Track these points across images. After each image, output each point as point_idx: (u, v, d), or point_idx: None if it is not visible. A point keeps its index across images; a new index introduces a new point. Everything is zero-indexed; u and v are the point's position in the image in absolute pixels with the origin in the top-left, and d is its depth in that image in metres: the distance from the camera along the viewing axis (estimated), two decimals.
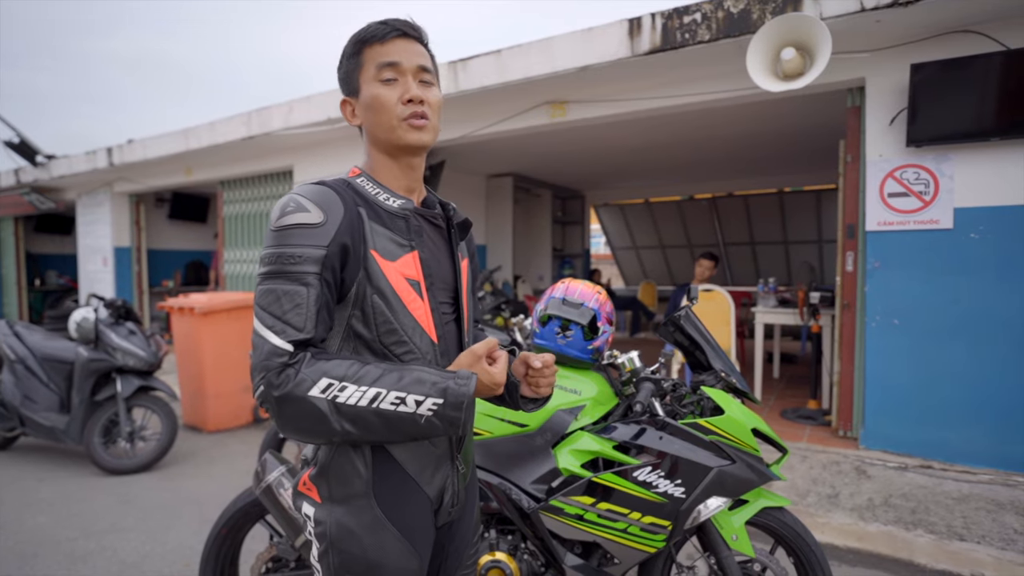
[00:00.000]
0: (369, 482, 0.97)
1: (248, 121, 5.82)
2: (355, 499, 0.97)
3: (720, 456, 1.61)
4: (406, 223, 0.99)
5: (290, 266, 0.87)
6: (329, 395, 0.85)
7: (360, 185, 0.99)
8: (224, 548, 1.87)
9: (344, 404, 0.85)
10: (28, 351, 3.92)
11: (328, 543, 0.97)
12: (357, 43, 0.98)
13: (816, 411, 4.26)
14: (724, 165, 7.68)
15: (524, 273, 8.91)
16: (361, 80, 0.98)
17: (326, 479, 0.99)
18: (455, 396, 0.88)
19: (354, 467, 0.97)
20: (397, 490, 0.99)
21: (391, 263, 0.95)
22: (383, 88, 0.96)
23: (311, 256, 0.88)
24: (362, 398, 0.86)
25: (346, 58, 1.00)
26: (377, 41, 0.96)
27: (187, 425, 4.72)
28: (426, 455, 1.01)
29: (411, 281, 0.97)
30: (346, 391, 0.86)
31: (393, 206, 0.99)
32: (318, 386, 0.85)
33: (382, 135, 0.98)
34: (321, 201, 0.91)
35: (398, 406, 0.87)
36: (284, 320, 0.87)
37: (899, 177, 3.31)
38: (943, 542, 2.59)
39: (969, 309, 3.17)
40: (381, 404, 0.86)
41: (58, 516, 3.05)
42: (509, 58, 4.09)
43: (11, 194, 8.99)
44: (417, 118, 0.96)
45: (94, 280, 8.83)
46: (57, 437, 3.77)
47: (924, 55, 3.17)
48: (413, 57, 0.97)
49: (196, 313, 4.47)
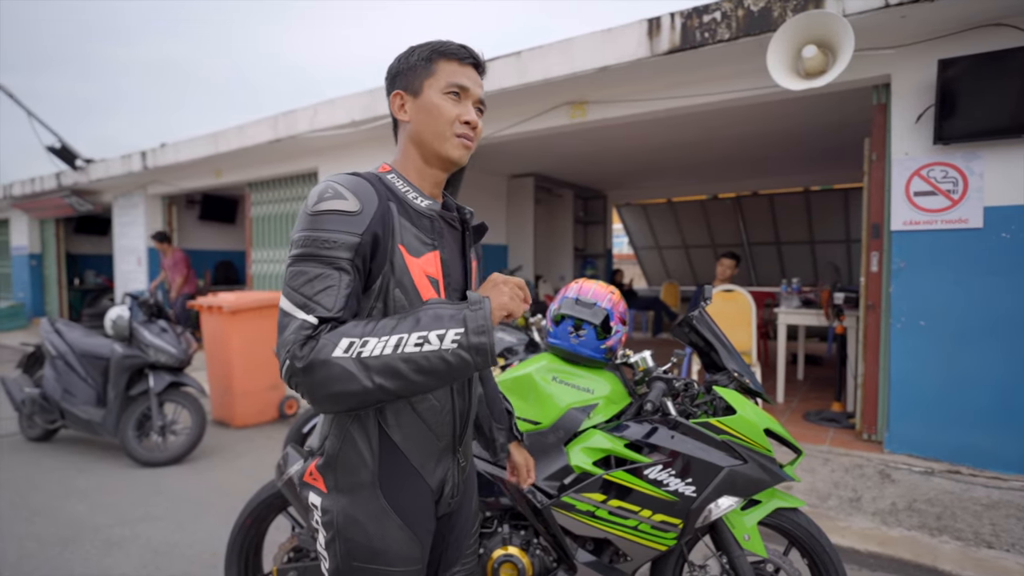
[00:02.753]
0: (375, 472, 1.00)
1: (275, 124, 5.97)
2: (361, 489, 1.00)
3: (732, 456, 1.61)
4: (431, 223, 1.04)
5: (324, 250, 0.90)
6: (352, 352, 0.85)
7: (391, 181, 1.04)
8: (248, 538, 1.94)
9: (370, 357, 0.85)
10: (68, 347, 4.10)
11: (335, 531, 1.00)
12: (434, 52, 1.04)
13: (840, 414, 4.18)
14: (747, 164, 7.58)
15: (545, 273, 8.92)
16: (426, 85, 1.03)
17: (333, 469, 1.02)
18: (475, 321, 0.89)
19: (361, 457, 1.00)
20: (402, 480, 1.02)
21: (415, 259, 0.99)
22: (447, 101, 1.02)
23: (345, 242, 0.91)
24: (385, 347, 0.86)
25: (417, 58, 1.04)
26: (456, 59, 1.04)
27: (215, 420, 4.87)
28: (430, 447, 1.05)
29: (431, 279, 1.01)
30: (368, 344, 0.86)
31: (421, 205, 1.04)
32: (340, 346, 0.86)
33: (431, 140, 1.03)
34: (358, 191, 0.95)
35: (422, 346, 0.87)
36: (314, 300, 0.89)
37: (926, 175, 3.24)
38: (969, 549, 2.53)
39: (999, 310, 3.08)
40: (405, 348, 0.86)
41: (95, 504, 3.19)
42: (529, 59, 4.12)
43: (53, 197, 9.37)
44: (467, 138, 1.04)
45: (129, 279, 9.15)
46: (94, 430, 3.94)
47: (952, 50, 3.10)
48: (477, 88, 1.06)
49: (224, 312, 4.61)
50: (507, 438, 1.38)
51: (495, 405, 1.38)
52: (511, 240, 8.22)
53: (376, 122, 5.10)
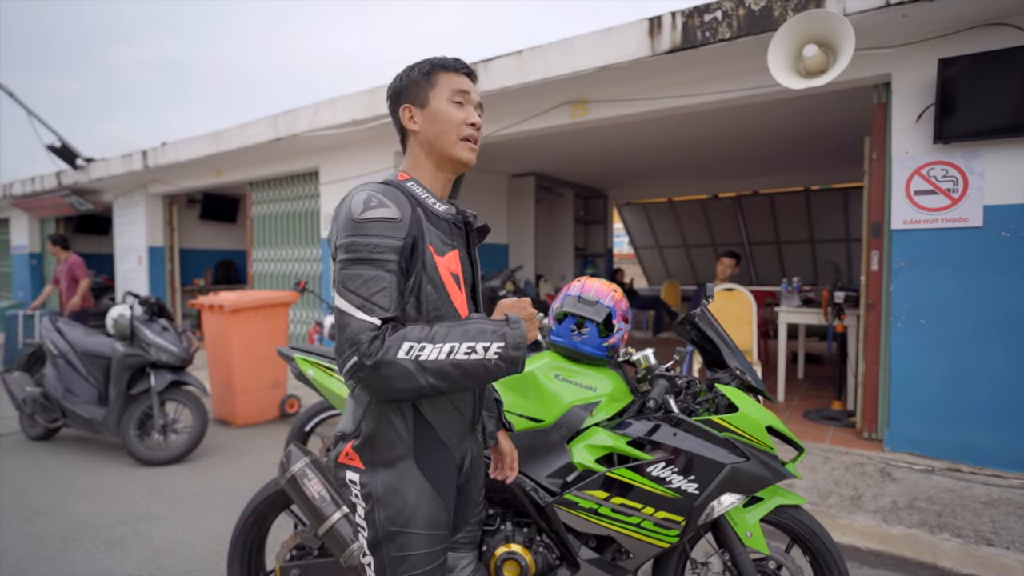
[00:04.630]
0: (410, 446, 1.13)
1: (275, 123, 5.97)
2: (399, 461, 1.13)
3: (734, 453, 1.62)
4: (449, 225, 1.17)
5: (376, 254, 1.02)
6: (412, 355, 0.99)
7: (412, 189, 1.15)
8: (251, 536, 1.94)
9: (427, 360, 1.00)
10: (69, 346, 4.10)
11: (374, 502, 1.12)
12: (433, 66, 1.17)
13: (840, 412, 4.19)
14: (748, 163, 7.59)
15: (546, 272, 8.93)
16: (431, 96, 1.16)
17: (371, 447, 1.13)
18: (513, 339, 1.05)
19: (398, 433, 1.12)
20: (433, 453, 1.16)
21: (441, 258, 1.12)
22: (453, 108, 1.16)
23: (392, 246, 1.03)
24: (440, 353, 1.00)
25: (418, 74, 1.17)
26: (454, 72, 1.17)
27: (217, 419, 4.87)
28: (457, 423, 1.19)
29: (454, 275, 1.14)
30: (426, 350, 1.00)
31: (439, 209, 1.17)
32: (402, 349, 0.99)
33: (441, 145, 1.16)
34: (397, 200, 1.07)
35: (471, 355, 1.02)
36: (372, 301, 1.00)
37: (926, 174, 3.24)
38: (970, 546, 2.54)
39: (999, 309, 3.09)
40: (457, 356, 1.01)
41: (96, 503, 3.19)
42: (530, 58, 4.13)
43: (53, 196, 9.37)
44: (473, 141, 1.18)
45: (129, 279, 9.15)
46: (95, 428, 3.94)
47: (952, 49, 3.10)
48: (475, 93, 1.21)
49: (226, 311, 4.61)
50: (496, 426, 1.45)
51: (486, 393, 1.44)
52: (512, 239, 8.22)
53: (376, 121, 5.11)
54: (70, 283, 5.98)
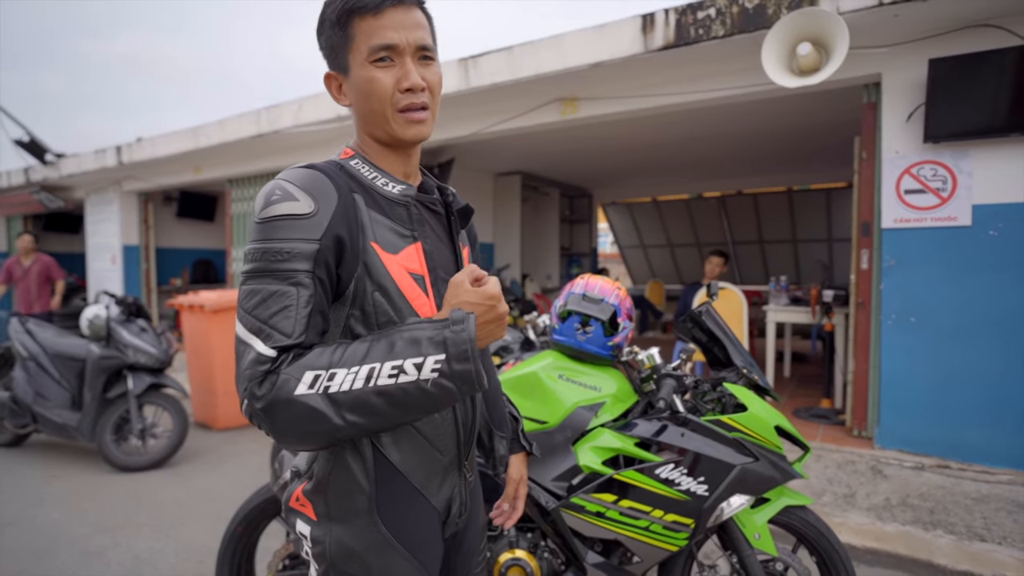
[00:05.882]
0: (372, 497, 0.87)
1: (257, 119, 5.82)
2: (357, 516, 0.87)
3: (743, 453, 1.59)
4: (407, 211, 0.90)
5: (278, 263, 0.77)
6: (319, 387, 0.73)
7: (355, 168, 0.89)
8: (240, 545, 1.86)
9: (339, 392, 0.73)
10: (40, 348, 3.93)
11: (328, 564, 0.88)
12: (344, 12, 0.84)
13: (829, 410, 4.22)
14: (734, 163, 7.64)
15: (532, 272, 8.89)
16: (350, 58, 0.85)
17: (323, 495, 0.88)
18: (456, 345, 0.74)
19: (355, 481, 0.86)
20: (403, 504, 0.89)
21: (393, 256, 0.86)
22: (377, 71, 0.84)
23: (302, 251, 0.77)
24: (356, 380, 0.73)
25: (330, 26, 0.86)
26: (369, 12, 0.83)
27: (197, 423, 4.73)
28: (433, 464, 0.92)
29: (415, 275, 0.88)
30: (336, 378, 0.73)
31: (393, 192, 0.89)
32: (303, 382, 0.73)
33: (376, 125, 0.88)
34: (311, 188, 0.80)
35: (397, 377, 0.74)
36: (270, 325, 0.76)
37: (916, 174, 3.27)
38: (963, 543, 2.56)
39: (988, 307, 3.13)
40: (378, 380, 0.74)
41: (71, 512, 3.05)
42: (520, 55, 4.07)
43: (20, 193, 9.03)
44: (416, 110, 0.86)
45: (103, 278, 8.87)
46: (69, 434, 3.78)
47: (942, 50, 3.13)
48: (412, 32, 0.84)
49: (206, 311, 4.47)
50: (507, 449, 1.19)
51: (495, 409, 1.19)
52: (498, 239, 8.17)
53: None
54: (42, 283, 5.75)
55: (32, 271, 5.72)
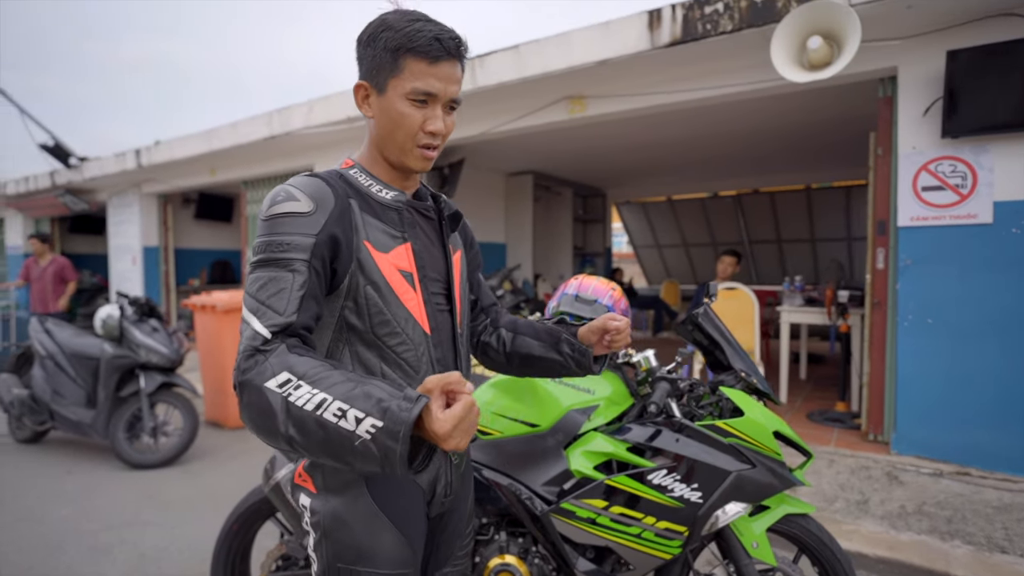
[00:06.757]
0: None
1: (270, 121, 5.89)
2: (348, 489, 0.98)
3: (739, 460, 1.54)
4: (399, 215, 1.01)
5: (278, 253, 0.87)
6: (284, 391, 0.77)
7: (353, 176, 1.01)
8: (235, 544, 1.87)
9: (293, 404, 0.76)
10: (57, 347, 4.02)
11: (322, 533, 0.98)
12: (401, 47, 0.91)
13: (844, 413, 4.11)
14: (749, 161, 7.51)
15: (544, 272, 8.85)
16: (390, 84, 0.94)
17: (320, 469, 0.99)
18: (393, 421, 0.72)
19: None
20: (390, 480, 1.00)
21: (384, 255, 0.96)
22: (413, 108, 0.94)
23: (299, 244, 0.87)
24: (309, 402, 0.75)
25: (383, 48, 0.92)
26: (425, 58, 0.91)
27: (209, 421, 4.79)
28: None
29: (404, 273, 0.98)
30: (299, 390, 0.76)
31: (386, 198, 1.00)
32: (277, 379, 0.78)
33: (392, 147, 0.98)
34: (312, 191, 0.92)
35: (339, 419, 0.74)
36: (267, 304, 0.85)
37: (934, 170, 3.16)
38: (983, 554, 2.46)
39: (1009, 307, 3.01)
40: (324, 413, 0.75)
41: (82, 509, 3.11)
42: (527, 53, 4.04)
43: (47, 196, 9.28)
44: (430, 149, 0.98)
45: (124, 279, 9.06)
46: (84, 431, 3.86)
47: (961, 41, 3.02)
48: (451, 86, 0.95)
49: (218, 311, 4.53)
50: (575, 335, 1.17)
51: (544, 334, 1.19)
52: (510, 239, 8.15)
53: None
54: (57, 284, 5.91)
55: (48, 272, 5.88)
